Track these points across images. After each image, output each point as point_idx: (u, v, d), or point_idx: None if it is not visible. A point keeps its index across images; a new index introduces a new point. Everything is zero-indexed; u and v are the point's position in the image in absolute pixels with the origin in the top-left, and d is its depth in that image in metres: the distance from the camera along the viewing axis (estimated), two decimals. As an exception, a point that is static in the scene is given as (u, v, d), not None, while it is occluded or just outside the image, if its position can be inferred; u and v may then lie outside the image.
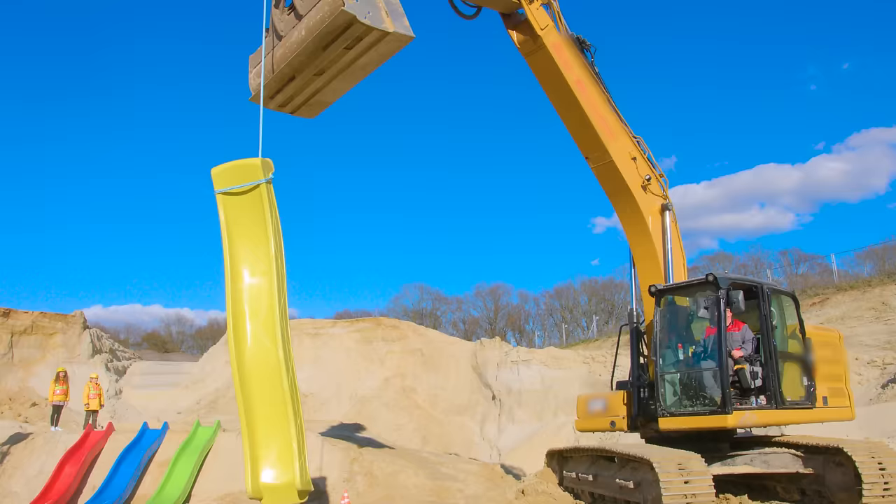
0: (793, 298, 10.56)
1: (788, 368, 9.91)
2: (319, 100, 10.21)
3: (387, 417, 26.62)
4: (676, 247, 11.18)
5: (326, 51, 8.85)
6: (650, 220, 11.06)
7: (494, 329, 58.42)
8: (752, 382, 9.55)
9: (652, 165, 11.22)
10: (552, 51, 10.58)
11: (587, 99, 10.73)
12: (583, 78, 10.79)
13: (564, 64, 10.64)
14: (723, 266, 59.16)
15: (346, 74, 9.49)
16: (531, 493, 11.14)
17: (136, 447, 14.55)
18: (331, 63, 9.18)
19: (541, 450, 13.76)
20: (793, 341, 10.19)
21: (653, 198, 11.12)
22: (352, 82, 9.76)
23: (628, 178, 10.88)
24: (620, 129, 10.98)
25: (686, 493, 8.17)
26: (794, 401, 9.78)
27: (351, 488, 12.74)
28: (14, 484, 14.05)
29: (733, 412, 9.15)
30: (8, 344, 29.22)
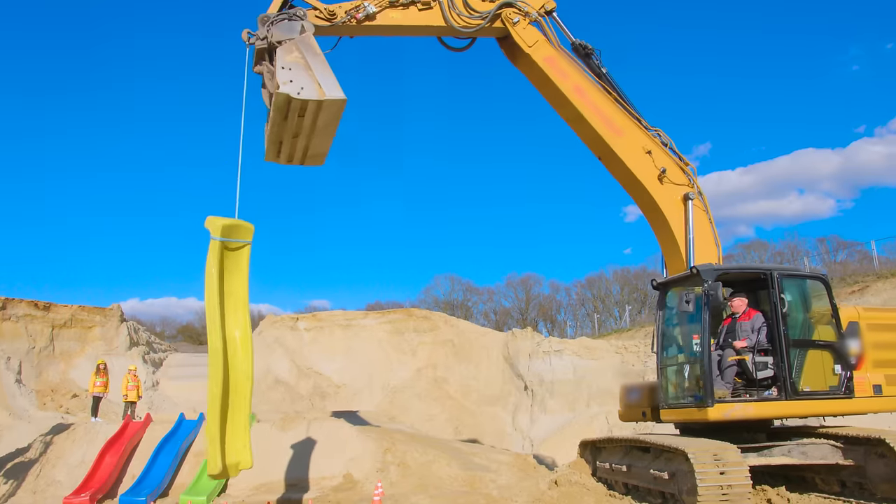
0: (822, 281, 10.21)
1: (812, 356, 9.66)
2: (314, 153, 11.35)
3: (419, 408, 26.71)
4: (704, 235, 11.05)
5: (287, 120, 10.36)
6: (669, 211, 11.13)
7: (526, 319, 58.31)
8: (755, 373, 9.58)
9: (673, 155, 11.29)
10: (544, 65, 11.38)
11: (586, 104, 11.28)
12: (581, 84, 11.36)
13: (559, 75, 11.35)
14: (758, 254, 58.24)
15: (317, 134, 10.72)
16: (564, 483, 11.09)
17: (173, 438, 14.81)
18: (299, 128, 10.56)
19: (573, 440, 13.71)
20: (822, 327, 9.88)
21: (672, 188, 11.14)
22: (327, 138, 10.93)
23: (639, 173, 11.13)
24: (629, 126, 11.29)
25: (722, 485, 8.05)
26: (817, 391, 9.49)
27: (384, 478, 12.81)
28: (57, 473, 14.40)
29: (715, 405, 9.28)
30: (49, 337, 29.88)
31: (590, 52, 11.72)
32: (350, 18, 11.23)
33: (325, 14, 11.14)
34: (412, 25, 11.71)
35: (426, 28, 11.82)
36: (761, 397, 9.59)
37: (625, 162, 11.22)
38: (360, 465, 13.56)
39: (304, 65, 10.08)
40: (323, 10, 11.15)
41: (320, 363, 30.70)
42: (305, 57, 10.16)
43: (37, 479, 14.34)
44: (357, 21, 11.26)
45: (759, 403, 9.56)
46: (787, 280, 10.07)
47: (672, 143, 11.39)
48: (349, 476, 13.28)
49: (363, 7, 11.27)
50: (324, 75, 9.92)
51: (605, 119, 11.27)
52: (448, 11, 11.58)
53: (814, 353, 9.72)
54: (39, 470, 14.56)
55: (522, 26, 11.57)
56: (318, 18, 11.08)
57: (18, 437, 20.30)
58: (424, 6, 11.60)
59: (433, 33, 12.02)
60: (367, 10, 11.25)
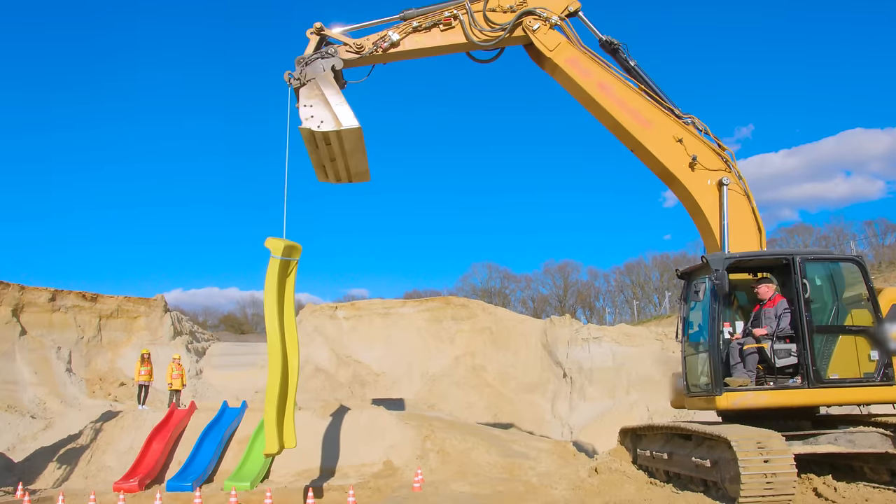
0: (856, 264, 9.85)
1: (844, 342, 9.37)
2: (356, 171, 12.75)
3: (457, 396, 26.79)
4: (744, 219, 10.87)
5: (319, 149, 11.87)
6: (702, 198, 11.10)
7: (564, 306, 58.04)
8: (774, 360, 9.43)
9: (709, 140, 11.24)
10: (566, 67, 11.74)
11: (611, 100, 11.53)
12: (605, 81, 11.60)
13: (582, 74, 11.69)
14: (802, 238, 56.97)
15: (349, 156, 12.19)
16: (604, 470, 11.03)
17: (217, 425, 15.10)
18: (332, 153, 12.02)
19: (613, 427, 13.61)
20: (858, 311, 9.53)
21: (704, 175, 11.09)
22: (360, 158, 12.35)
23: (668, 162, 11.22)
24: (658, 117, 11.37)
25: (766, 473, 7.88)
26: (848, 378, 9.21)
27: (424, 465, 12.90)
28: (107, 458, 14.81)
29: (724, 394, 9.31)
30: (97, 327, 30.66)
31: (616, 48, 11.90)
32: (377, 49, 12.14)
33: (354, 48, 12.14)
34: (436, 46, 12.34)
35: (450, 47, 12.42)
36: (780, 385, 9.41)
37: (654, 153, 11.33)
38: (399, 452, 13.67)
39: (322, 100, 11.46)
40: (352, 45, 12.16)
41: (359, 351, 30.97)
42: (324, 93, 11.51)
43: (88, 464, 14.77)
44: (383, 50, 12.17)
45: (775, 392, 9.36)
46: (814, 264, 9.78)
47: (707, 129, 11.34)
48: (389, 463, 13.40)
49: (388, 36, 12.13)
50: (340, 108, 11.38)
51: (632, 113, 11.43)
52: (469, 29, 12.11)
53: (846, 339, 9.40)
54: (91, 456, 14.99)
55: (543, 32, 11.91)
56: (348, 52, 12.15)
57: (70, 424, 20.93)
58: (446, 26, 12.16)
59: (457, 51, 12.57)
60: (391, 39, 12.11)
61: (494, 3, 12.21)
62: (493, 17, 12.17)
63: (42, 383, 26.67)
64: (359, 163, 12.58)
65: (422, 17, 12.21)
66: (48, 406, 25.68)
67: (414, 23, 12.19)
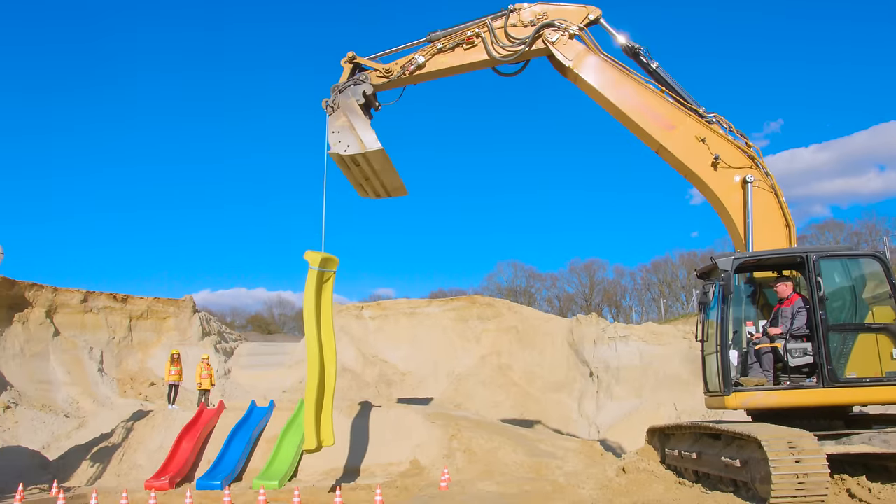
0: (877, 260, 9.62)
1: (864, 341, 9.19)
2: (391, 187, 13.82)
3: (484, 395, 26.76)
4: (771, 217, 10.76)
5: (350, 170, 13.05)
6: (726, 196, 11.08)
7: (590, 305, 57.70)
8: (788, 360, 9.38)
9: (734, 138, 11.20)
10: (586, 75, 12.00)
11: (632, 104, 11.68)
12: (625, 86, 11.79)
13: (602, 81, 11.91)
14: (832, 234, 56.00)
15: (381, 175, 13.26)
16: (632, 470, 10.95)
17: (245, 424, 15.26)
18: (365, 173, 13.12)
19: (640, 427, 13.51)
20: (880, 309, 9.33)
21: (728, 174, 11.06)
22: (391, 175, 13.41)
23: (691, 163, 11.27)
24: (680, 118, 11.42)
25: (798, 473, 7.75)
26: (867, 377, 9.03)
27: (450, 464, 12.91)
28: (138, 457, 15.04)
29: (732, 393, 9.41)
30: (127, 328, 31.16)
31: (638, 52, 11.99)
32: (404, 72, 12.89)
33: (384, 73, 12.99)
34: (460, 65, 12.90)
35: (474, 64, 12.91)
36: (794, 385, 9.33)
37: (676, 155, 11.39)
38: (426, 452, 13.70)
39: (348, 126, 12.53)
40: (381, 70, 13.02)
41: (386, 351, 31.08)
42: (350, 119, 12.56)
43: (120, 462, 15.01)
44: (410, 73, 12.91)
45: (787, 392, 9.29)
46: (831, 262, 9.60)
47: (731, 126, 11.30)
48: (416, 462, 13.44)
49: (414, 60, 12.84)
50: (364, 132, 12.44)
51: (654, 116, 11.55)
52: (491, 45, 12.54)
53: (866, 337, 9.21)
54: (122, 454, 15.23)
55: (562, 42, 12.16)
56: (378, 77, 13.03)
57: (102, 424, 21.30)
58: (469, 45, 12.69)
59: (481, 67, 13.04)
60: (417, 62, 12.81)
61: (515, 18, 12.54)
62: (514, 32, 12.50)
63: (75, 383, 27.17)
64: (392, 179, 13.57)
65: (446, 38, 12.75)
66: (81, 405, 26.16)
67: (438, 44, 12.77)
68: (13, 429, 22.28)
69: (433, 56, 12.87)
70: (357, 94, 12.84)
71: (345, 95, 12.82)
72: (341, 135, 12.55)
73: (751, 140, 11.25)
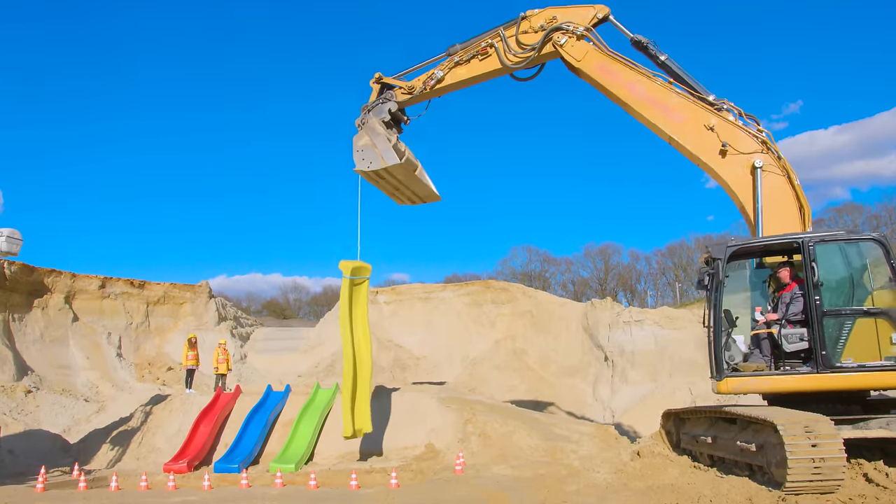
0: (878, 243, 9.42)
1: (864, 326, 9.08)
2: (422, 195, 15.22)
3: (498, 379, 26.82)
4: (783, 201, 10.63)
5: (379, 183, 14.35)
6: (735, 183, 11.07)
7: (605, 289, 57.56)
8: (783, 345, 9.37)
9: (743, 123, 11.15)
10: (594, 73, 12.30)
11: (640, 98, 11.88)
12: (633, 81, 11.96)
13: (610, 78, 12.17)
14: (851, 217, 55.34)
15: (409, 184, 14.63)
16: (647, 454, 10.94)
17: (261, 408, 15.38)
18: (394, 184, 14.45)
19: (655, 411, 13.49)
20: (882, 293, 9.21)
21: (736, 161, 11.03)
22: (418, 184, 14.74)
23: (699, 152, 11.34)
24: (688, 107, 11.50)
25: (814, 458, 7.70)
26: (866, 363, 8.94)
27: (465, 448, 12.97)
28: (157, 440, 15.22)
29: (724, 379, 9.56)
30: (144, 314, 31.47)
31: (646, 45, 12.14)
32: (426, 87, 13.71)
33: (407, 89, 13.95)
34: (477, 75, 13.52)
35: (489, 74, 13.46)
36: (787, 371, 9.34)
37: (685, 145, 11.48)
38: (441, 436, 13.76)
39: (370, 144, 13.63)
40: (405, 87, 13.99)
41: (400, 336, 31.20)
42: (371, 138, 13.66)
43: (139, 446, 15.20)
44: (431, 88, 13.69)
45: (779, 377, 9.33)
46: (828, 246, 9.51)
47: (741, 111, 11.25)
48: (431, 446, 13.50)
49: (433, 75, 13.63)
50: (384, 149, 13.50)
51: (662, 108, 11.67)
52: (504, 54, 13.08)
53: (865, 322, 9.10)
54: (141, 438, 15.42)
55: (570, 44, 12.49)
56: (402, 94, 14.02)
57: (121, 408, 21.60)
58: (483, 56, 13.30)
59: (497, 75, 13.52)
60: (436, 76, 13.60)
61: (526, 25, 12.97)
62: (525, 38, 12.95)
63: (94, 368, 27.53)
64: (421, 188, 14.85)
65: (463, 51, 13.42)
66: (100, 390, 26.52)
67: (456, 58, 13.46)
68: (34, 412, 22.63)
69: (451, 69, 13.56)
70: (383, 112, 13.86)
71: (374, 113, 13.92)
72: (364, 153, 13.66)
73: (763, 125, 11.15)
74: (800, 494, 7.63)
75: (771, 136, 10.94)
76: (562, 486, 9.83)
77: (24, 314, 26.78)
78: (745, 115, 11.23)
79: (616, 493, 8.98)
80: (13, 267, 26.14)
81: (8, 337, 25.41)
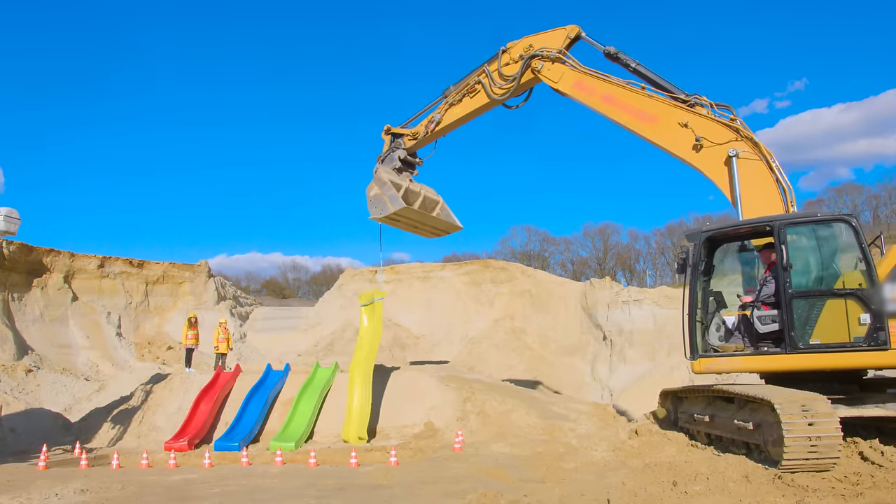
0: (847, 223, 9.42)
1: (834, 307, 9.14)
2: (443, 227, 16.30)
3: (497, 358, 26.92)
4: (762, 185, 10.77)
5: (397, 224, 15.62)
6: (714, 175, 11.35)
7: (604, 269, 57.67)
8: (757, 326, 9.60)
9: (715, 116, 11.46)
10: (571, 91, 13.00)
11: (616, 107, 12.46)
12: (609, 92, 12.55)
13: (587, 93, 12.82)
14: (850, 197, 55.26)
15: (425, 222, 15.78)
16: (644, 433, 11.01)
17: (261, 387, 15.44)
18: (411, 223, 15.65)
19: (653, 390, 13.55)
20: (851, 273, 9.23)
21: (711, 153, 11.31)
22: (432, 222, 15.86)
23: (675, 149, 11.75)
24: (662, 109, 11.95)
25: (811, 436, 7.76)
26: (832, 343, 9.02)
27: (464, 426, 13.04)
28: (158, 419, 15.29)
29: (698, 359, 10.01)
30: (144, 293, 31.52)
31: (616, 55, 12.76)
32: (427, 131, 14.91)
33: (412, 135, 15.32)
34: (470, 112, 14.46)
35: (480, 109, 14.39)
36: (759, 351, 9.56)
37: (663, 145, 11.93)
38: (440, 414, 13.82)
39: (379, 194, 14.78)
40: (410, 133, 15.36)
41: (399, 315, 31.26)
42: (380, 188, 14.84)
43: (140, 424, 15.28)
44: (432, 131, 14.87)
45: (750, 357, 9.58)
46: (798, 228, 9.60)
47: (713, 104, 11.58)
48: (430, 424, 13.58)
49: (433, 118, 14.83)
50: (392, 196, 14.59)
51: (637, 113, 12.17)
52: (490, 89, 14.02)
53: (835, 303, 9.14)
54: (142, 417, 15.49)
55: (547, 68, 13.25)
56: (409, 140, 15.36)
57: (121, 387, 21.70)
58: (473, 93, 14.34)
59: (489, 108, 14.40)
60: (435, 119, 14.81)
61: (507, 57, 13.87)
62: (507, 70, 13.82)
63: (94, 347, 27.62)
64: (439, 222, 15.93)
65: (456, 92, 14.49)
66: (101, 369, 26.63)
67: (450, 99, 14.57)
68: (35, 391, 22.75)
69: (447, 110, 14.65)
70: (394, 160, 15.21)
71: (385, 163, 15.30)
72: (375, 202, 14.84)
73: (737, 112, 11.44)
74: (796, 472, 7.69)
75: (744, 124, 11.21)
76: (560, 463, 9.90)
77: (23, 294, 26.81)
78: (718, 106, 11.51)
79: (614, 471, 9.04)
80: (12, 246, 26.13)
81: (8, 316, 25.47)
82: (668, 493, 7.27)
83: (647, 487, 7.52)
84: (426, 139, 15.16)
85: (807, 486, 7.23)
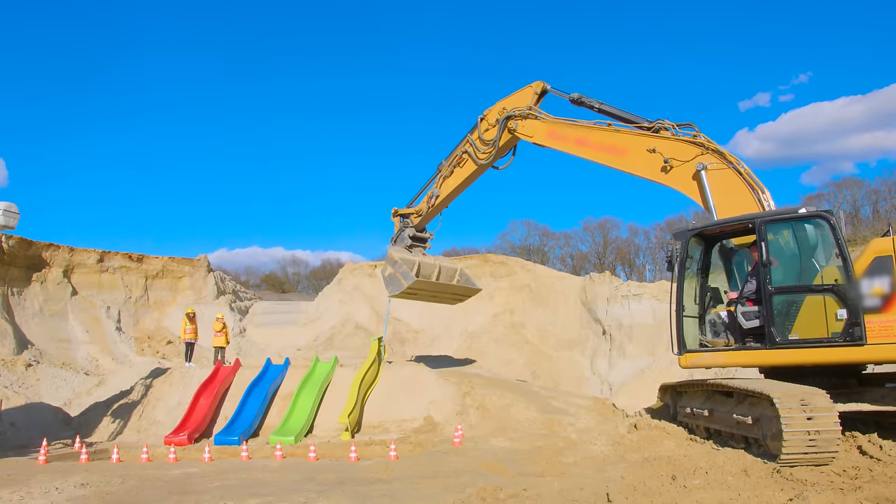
0: (824, 220, 9.42)
1: (813, 303, 9.21)
2: (462, 293, 17.17)
3: (497, 353, 26.94)
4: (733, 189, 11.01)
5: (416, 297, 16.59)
6: (686, 189, 11.71)
7: (603, 263, 57.69)
8: (741, 323, 9.86)
9: (679, 136, 11.92)
10: (546, 142, 13.78)
11: (590, 148, 13.06)
12: (580, 135, 13.20)
13: (561, 141, 13.54)
14: (850, 192, 55.21)
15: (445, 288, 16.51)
16: (644, 427, 11.02)
17: (261, 381, 15.45)
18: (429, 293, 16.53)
19: (653, 385, 13.59)
20: (829, 269, 9.27)
21: (680, 171, 11.72)
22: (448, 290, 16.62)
23: (647, 174, 12.24)
24: (630, 140, 12.52)
25: (809, 430, 7.78)
26: (809, 339, 9.10)
27: (464, 421, 13.05)
28: (157, 413, 15.30)
29: (683, 354, 10.41)
30: (143, 287, 31.48)
31: (580, 99, 13.50)
32: (429, 206, 15.86)
33: (417, 213, 16.30)
34: (463, 180, 15.34)
35: (473, 175, 15.24)
36: (741, 347, 9.82)
37: (636, 174, 12.46)
38: (439, 408, 13.83)
39: (392, 272, 15.70)
40: (414, 212, 16.35)
41: (399, 309, 31.18)
42: (392, 268, 15.77)
43: (140, 419, 15.29)
44: (433, 205, 15.85)
45: (732, 353, 9.93)
46: (778, 225, 9.71)
47: (675, 125, 12.09)
48: (430, 419, 13.59)
49: (432, 193, 15.81)
50: (404, 273, 15.42)
51: (609, 149, 12.77)
52: (475, 156, 14.89)
53: (814, 299, 9.22)
54: (142, 411, 15.50)
55: (521, 125, 14.10)
56: (416, 218, 16.35)
57: (121, 381, 21.67)
58: (462, 163, 15.23)
59: (480, 173, 15.26)
60: (434, 194, 15.78)
61: (485, 124, 14.75)
62: (488, 135, 14.68)
63: (94, 341, 27.61)
64: (457, 289, 16.81)
65: (447, 164, 15.41)
66: (100, 363, 26.62)
67: (444, 173, 15.51)
68: (35, 386, 22.74)
69: (442, 184, 15.56)
70: (405, 240, 16.27)
71: (396, 244, 16.36)
72: (389, 280, 15.70)
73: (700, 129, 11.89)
74: (795, 466, 7.70)
75: (708, 139, 11.69)
76: (559, 457, 9.92)
77: (22, 288, 26.78)
78: (681, 126, 12.01)
79: (613, 465, 9.06)
80: (11, 241, 26.09)
81: (7, 311, 25.45)
82: (668, 487, 7.27)
83: (647, 481, 7.53)
84: (430, 214, 16.15)
85: (805, 480, 7.24)
